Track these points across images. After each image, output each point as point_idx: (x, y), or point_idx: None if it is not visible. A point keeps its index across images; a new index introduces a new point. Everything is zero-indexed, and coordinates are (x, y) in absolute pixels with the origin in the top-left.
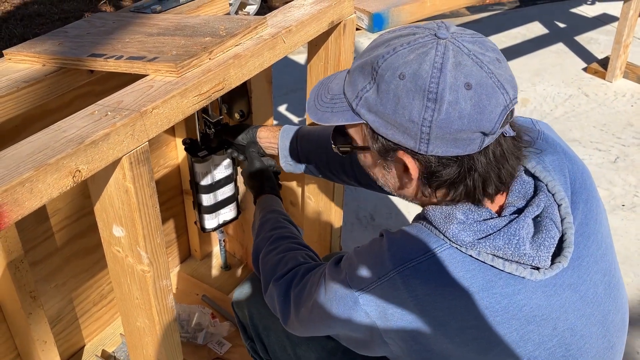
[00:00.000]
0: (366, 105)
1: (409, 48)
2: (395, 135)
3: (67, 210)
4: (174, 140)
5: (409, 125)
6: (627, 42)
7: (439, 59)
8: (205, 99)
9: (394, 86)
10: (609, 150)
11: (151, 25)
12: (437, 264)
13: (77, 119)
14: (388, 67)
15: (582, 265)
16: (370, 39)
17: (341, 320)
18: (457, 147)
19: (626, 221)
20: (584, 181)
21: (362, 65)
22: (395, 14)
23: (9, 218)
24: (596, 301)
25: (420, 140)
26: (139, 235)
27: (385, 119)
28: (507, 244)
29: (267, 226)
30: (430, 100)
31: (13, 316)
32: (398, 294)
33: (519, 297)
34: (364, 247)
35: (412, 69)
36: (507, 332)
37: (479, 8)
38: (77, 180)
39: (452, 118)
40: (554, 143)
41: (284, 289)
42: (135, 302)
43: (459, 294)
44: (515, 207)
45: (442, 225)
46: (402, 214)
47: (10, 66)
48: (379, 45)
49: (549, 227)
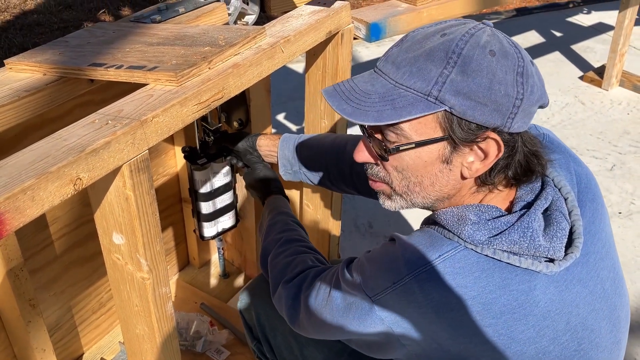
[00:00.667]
0: (452, 88)
1: (479, 31)
2: (484, 115)
3: (66, 218)
4: (173, 149)
5: (503, 101)
6: (622, 50)
7: (507, 38)
8: (205, 107)
9: (486, 63)
10: (606, 158)
11: (151, 35)
12: (452, 266)
13: (78, 128)
14: (474, 47)
15: (590, 261)
16: (367, 48)
17: (356, 326)
18: (526, 122)
19: (623, 228)
20: (589, 182)
21: (427, 53)
22: (392, 24)
23: (10, 226)
24: (604, 296)
25: (509, 117)
26: (139, 243)
27: (474, 99)
28: (522, 237)
29: (276, 228)
30: (519, 74)
31: (12, 324)
32: (414, 299)
33: (535, 292)
34: (376, 252)
35: (497, 46)
36: (524, 329)
37: (476, 17)
38: (78, 188)
39: (534, 90)
40: (559, 144)
41: (293, 292)
42: (134, 309)
43: (475, 294)
44: (525, 201)
45: (455, 227)
46: (400, 222)
47: (11, 75)
48: (429, 36)
49: (559, 219)
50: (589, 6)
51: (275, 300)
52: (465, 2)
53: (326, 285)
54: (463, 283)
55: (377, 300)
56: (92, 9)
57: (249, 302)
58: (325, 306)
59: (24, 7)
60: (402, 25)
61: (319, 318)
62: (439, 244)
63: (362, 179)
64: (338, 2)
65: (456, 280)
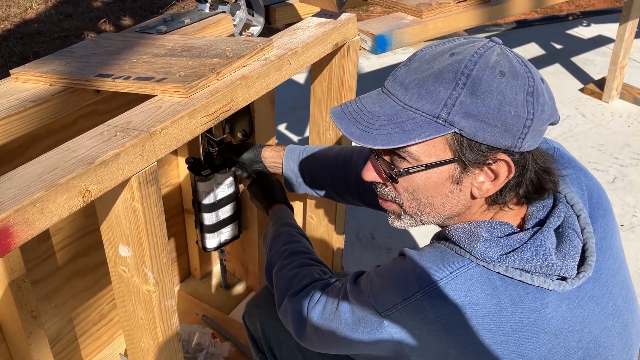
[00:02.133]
0: (461, 110)
1: (488, 50)
2: (494, 136)
3: (68, 229)
4: (176, 160)
5: (513, 122)
6: (623, 63)
7: (517, 57)
8: (214, 119)
9: (496, 84)
10: (607, 171)
11: (158, 45)
12: (463, 283)
13: (87, 139)
14: (483, 68)
15: (602, 277)
16: (368, 59)
17: (365, 341)
18: (536, 140)
19: (625, 241)
20: (600, 196)
21: (436, 74)
22: (398, 36)
23: (19, 238)
24: (616, 313)
25: (519, 137)
26: (146, 255)
27: (484, 121)
28: (535, 255)
29: (281, 239)
30: (529, 94)
31: (13, 336)
32: (425, 315)
33: (547, 310)
34: (386, 267)
35: (506, 66)
36: (536, 347)
37: (477, 29)
38: (87, 200)
39: (545, 109)
40: (569, 159)
41: (300, 306)
42: (139, 322)
43: (487, 312)
44: (537, 218)
45: (467, 244)
46: (402, 234)
47: (18, 86)
48: (438, 55)
49: (572, 237)
50: (588, 19)
51: (281, 314)
52: (470, 15)
53: (334, 299)
54: (474, 300)
55: (387, 316)
56: (93, 19)
57: (254, 314)
58: (333, 320)
59: (24, 16)
60: (407, 37)
61: (326, 332)
62: (450, 260)
63: (368, 191)
64: (344, 14)
65: (468, 297)
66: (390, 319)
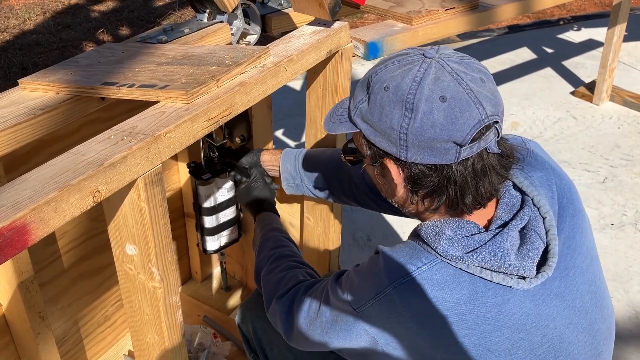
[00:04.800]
0: (360, 114)
1: (398, 64)
2: (382, 142)
3: (74, 232)
4: (177, 165)
5: (390, 132)
6: (612, 66)
7: (420, 74)
8: (214, 123)
9: (380, 97)
10: (598, 171)
11: (159, 54)
12: (429, 278)
13: (95, 143)
14: (378, 81)
15: (569, 275)
16: (363, 65)
17: (342, 338)
18: (434, 155)
19: (615, 240)
20: (571, 196)
21: (362, 80)
22: (389, 43)
23: (35, 235)
24: (583, 310)
25: (400, 147)
26: (151, 253)
27: (373, 127)
28: (493, 256)
29: (269, 245)
30: (407, 109)
31: (22, 336)
32: (395, 309)
33: (509, 306)
34: (362, 265)
35: (395, 82)
36: (498, 341)
37: (469, 34)
38: (97, 200)
39: (426, 127)
40: (542, 160)
41: (286, 307)
42: (145, 318)
43: (451, 305)
44: (502, 220)
45: (432, 241)
46: (398, 235)
47: (26, 94)
48: (379, 63)
49: (533, 239)
50: (578, 23)
51: (269, 315)
52: (459, 22)
53: (316, 300)
54: (439, 294)
55: (361, 312)
56: (91, 29)
57: (246, 316)
58: (315, 320)
59: (23, 27)
60: (398, 43)
61: (310, 331)
62: (418, 256)
63: (359, 190)
64: (337, 22)
65: (433, 291)
66: (364, 315)
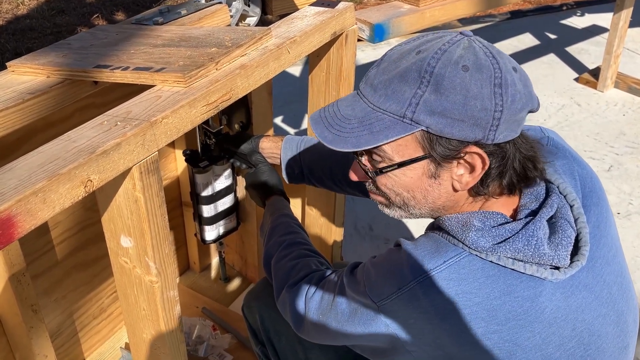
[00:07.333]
0: (426, 108)
1: (453, 45)
2: (463, 131)
3: (67, 222)
4: (173, 152)
5: (481, 115)
6: (617, 52)
7: (485, 49)
8: (213, 108)
9: (459, 80)
10: (603, 159)
11: (155, 36)
12: (456, 272)
13: (87, 129)
14: (446, 64)
15: (596, 266)
16: (363, 51)
17: (360, 332)
18: (514, 130)
19: (621, 229)
20: (594, 185)
21: (401, 74)
22: (395, 25)
23: (22, 229)
24: (611, 301)
25: (490, 129)
26: (148, 246)
27: (450, 117)
28: (527, 245)
29: (279, 230)
30: (496, 85)
31: (14, 330)
32: (419, 304)
33: (541, 299)
34: (381, 257)
35: (470, 60)
36: (530, 336)
37: (471, 20)
38: (89, 190)
39: (516, 99)
40: (563, 148)
41: (297, 296)
42: (142, 313)
43: (480, 300)
44: (529, 209)
45: (460, 233)
46: (401, 225)
47: (15, 78)
48: (405, 54)
49: (565, 227)
50: (582, 9)
51: (279, 304)
52: (466, 3)
53: (331, 290)
54: (467, 289)
55: (382, 306)
56: (86, 14)
57: (253, 305)
58: (329, 311)
59: (16, 12)
60: (405, 26)
61: (323, 323)
62: (444, 249)
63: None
64: (342, 3)
65: (461, 286)
66: (385, 309)
